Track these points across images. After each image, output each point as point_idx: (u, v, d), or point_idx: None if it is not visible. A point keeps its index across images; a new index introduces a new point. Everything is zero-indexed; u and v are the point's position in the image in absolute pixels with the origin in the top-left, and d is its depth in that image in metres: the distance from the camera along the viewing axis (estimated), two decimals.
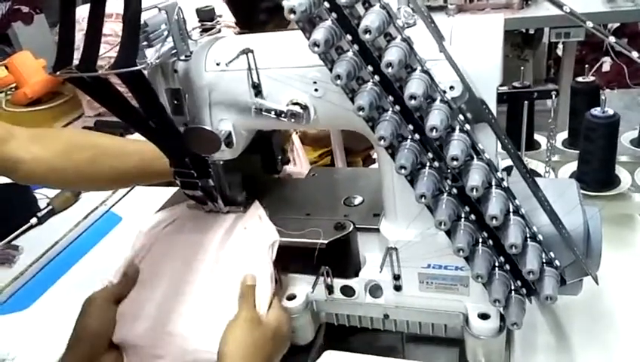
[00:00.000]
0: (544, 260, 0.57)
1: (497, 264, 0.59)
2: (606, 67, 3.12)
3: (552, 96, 0.87)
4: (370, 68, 0.53)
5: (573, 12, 0.47)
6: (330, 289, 0.69)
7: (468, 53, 0.52)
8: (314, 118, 0.60)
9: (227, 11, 1.46)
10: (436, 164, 0.56)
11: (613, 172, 0.95)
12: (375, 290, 0.69)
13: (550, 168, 0.94)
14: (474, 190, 0.52)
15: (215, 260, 0.69)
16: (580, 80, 1.03)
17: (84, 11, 0.55)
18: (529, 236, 0.57)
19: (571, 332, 0.72)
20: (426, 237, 0.62)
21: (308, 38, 0.50)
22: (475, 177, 0.52)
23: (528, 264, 0.55)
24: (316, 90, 0.58)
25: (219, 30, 0.65)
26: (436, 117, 0.51)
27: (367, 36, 0.47)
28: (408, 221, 0.62)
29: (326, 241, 0.65)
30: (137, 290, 0.70)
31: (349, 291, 0.69)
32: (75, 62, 0.54)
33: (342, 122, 0.63)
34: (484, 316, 0.64)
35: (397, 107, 0.54)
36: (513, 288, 0.59)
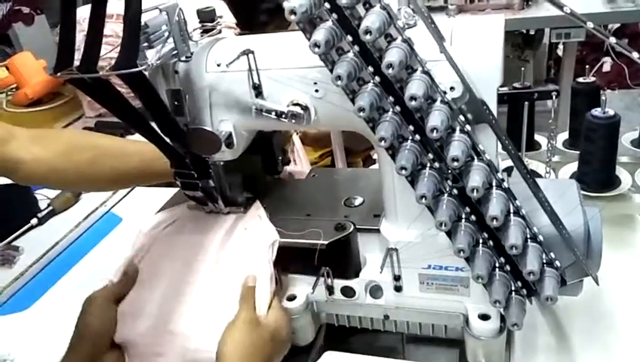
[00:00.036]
0: (544, 261, 0.57)
1: (498, 265, 0.59)
2: (606, 67, 3.12)
3: (553, 96, 0.87)
4: (370, 69, 0.53)
5: (573, 13, 0.47)
6: (330, 289, 0.69)
7: (468, 53, 0.52)
8: (314, 119, 0.60)
9: (228, 12, 1.46)
10: (437, 165, 0.56)
11: (613, 172, 0.95)
12: (375, 291, 0.69)
13: (551, 169, 0.94)
14: (474, 191, 0.52)
15: (215, 261, 0.69)
16: (581, 80, 1.03)
17: (84, 12, 0.55)
18: (529, 237, 0.57)
19: (572, 332, 0.72)
20: (427, 237, 0.62)
21: (308, 39, 0.50)
22: (476, 178, 0.52)
23: (529, 265, 0.55)
24: (317, 91, 0.58)
25: (219, 31, 0.65)
26: (437, 118, 0.51)
27: (367, 37, 0.47)
28: (409, 222, 0.62)
29: (326, 242, 0.65)
30: (137, 290, 0.70)
31: (350, 292, 0.69)
32: (76, 63, 0.54)
33: (342, 123, 0.63)
34: (484, 317, 0.64)
35: (397, 108, 0.54)
36: (513, 289, 0.59)
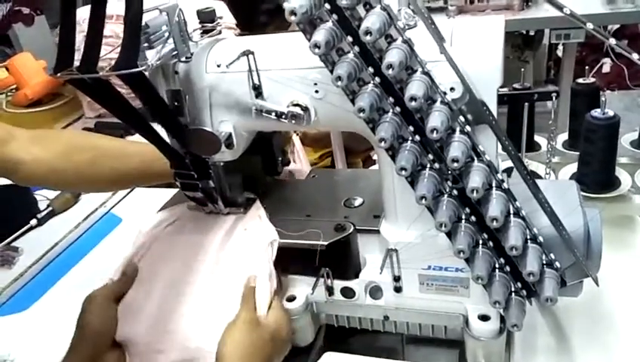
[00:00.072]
0: (544, 262, 0.57)
1: (498, 265, 0.59)
2: (606, 68, 3.12)
3: (553, 97, 0.87)
4: (370, 69, 0.53)
5: (573, 13, 0.47)
6: (330, 290, 0.69)
7: (468, 54, 0.52)
8: (314, 120, 0.60)
9: (228, 13, 1.46)
10: (437, 166, 0.56)
11: (613, 173, 0.96)
12: (375, 292, 0.69)
13: (550, 170, 0.95)
14: (474, 191, 0.52)
15: (215, 261, 0.69)
16: (580, 81, 1.04)
17: (84, 13, 0.55)
18: (529, 238, 0.57)
19: (571, 333, 0.72)
20: (427, 238, 0.62)
21: (309, 40, 0.50)
22: (476, 179, 0.52)
23: (528, 265, 0.55)
24: (317, 92, 0.58)
25: (219, 32, 0.65)
26: (437, 118, 0.51)
27: (367, 38, 0.47)
28: (408, 222, 0.62)
29: (326, 243, 0.65)
30: (136, 288, 0.70)
31: (349, 292, 0.69)
32: (76, 63, 0.54)
33: (342, 123, 0.63)
34: (484, 317, 0.64)
35: (397, 108, 0.54)
36: (513, 290, 0.59)
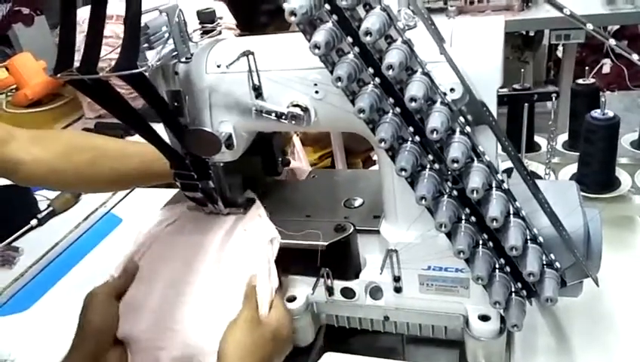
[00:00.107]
0: (544, 262, 0.57)
1: (498, 266, 0.59)
2: (606, 69, 3.12)
3: (553, 98, 0.87)
4: (370, 70, 0.53)
5: (573, 14, 0.47)
6: (330, 290, 0.69)
7: (468, 55, 0.52)
8: (314, 120, 0.60)
9: (228, 13, 1.47)
10: (437, 166, 0.56)
11: (613, 174, 0.96)
12: (375, 292, 0.69)
13: (550, 170, 0.95)
14: (474, 192, 0.52)
15: (216, 261, 0.69)
16: (580, 82, 1.04)
17: (84, 13, 0.55)
18: (529, 238, 0.57)
19: (571, 333, 0.72)
20: (427, 239, 0.62)
21: (309, 41, 0.50)
22: (476, 179, 0.52)
23: (529, 266, 0.55)
24: (317, 92, 0.58)
25: (219, 32, 0.65)
26: (437, 119, 0.51)
27: (367, 38, 0.48)
28: (409, 223, 0.62)
29: (326, 243, 0.65)
30: (137, 286, 0.70)
31: (350, 293, 0.69)
32: (76, 64, 0.54)
33: (342, 124, 0.63)
34: (484, 318, 0.64)
35: (397, 109, 0.54)
36: (513, 290, 0.59)
